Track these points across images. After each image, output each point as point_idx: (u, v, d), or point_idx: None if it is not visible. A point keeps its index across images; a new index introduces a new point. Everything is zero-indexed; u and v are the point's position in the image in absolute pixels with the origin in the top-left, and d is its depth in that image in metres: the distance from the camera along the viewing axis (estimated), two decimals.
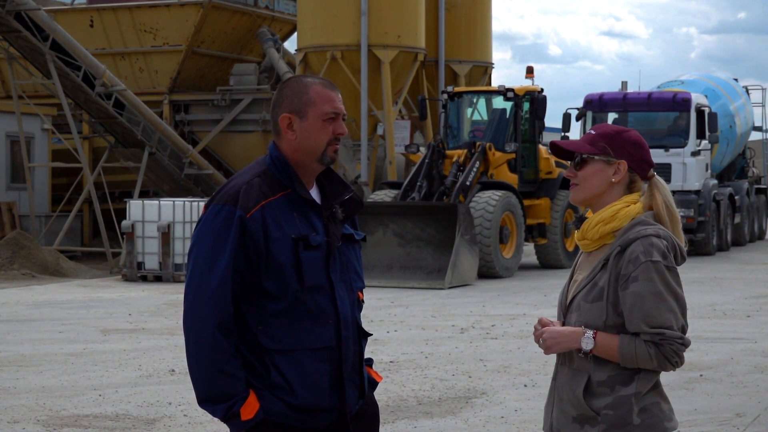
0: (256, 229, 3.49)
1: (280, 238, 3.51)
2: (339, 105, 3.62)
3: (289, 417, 3.53)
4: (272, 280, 3.51)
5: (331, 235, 3.60)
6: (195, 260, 3.53)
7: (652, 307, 3.33)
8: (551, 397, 3.58)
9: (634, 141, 3.53)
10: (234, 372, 3.47)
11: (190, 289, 3.52)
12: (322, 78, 3.70)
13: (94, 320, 13.73)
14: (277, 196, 3.55)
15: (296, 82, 3.65)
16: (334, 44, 23.03)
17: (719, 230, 25.30)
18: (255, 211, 3.50)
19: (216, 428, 7.80)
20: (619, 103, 24.47)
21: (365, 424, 3.72)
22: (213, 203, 3.56)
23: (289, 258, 3.51)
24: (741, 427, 7.93)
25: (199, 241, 3.54)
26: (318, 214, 3.60)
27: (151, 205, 19.15)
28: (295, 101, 3.60)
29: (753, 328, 13.04)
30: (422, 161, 19.71)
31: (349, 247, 3.70)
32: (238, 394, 3.48)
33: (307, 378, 3.52)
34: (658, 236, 3.39)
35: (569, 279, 3.61)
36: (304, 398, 3.52)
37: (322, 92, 3.60)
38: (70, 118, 22.64)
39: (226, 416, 3.50)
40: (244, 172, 3.63)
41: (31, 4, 21.50)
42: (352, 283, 3.67)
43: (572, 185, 3.56)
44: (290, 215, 3.55)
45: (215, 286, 3.47)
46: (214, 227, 3.51)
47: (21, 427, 7.91)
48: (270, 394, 3.51)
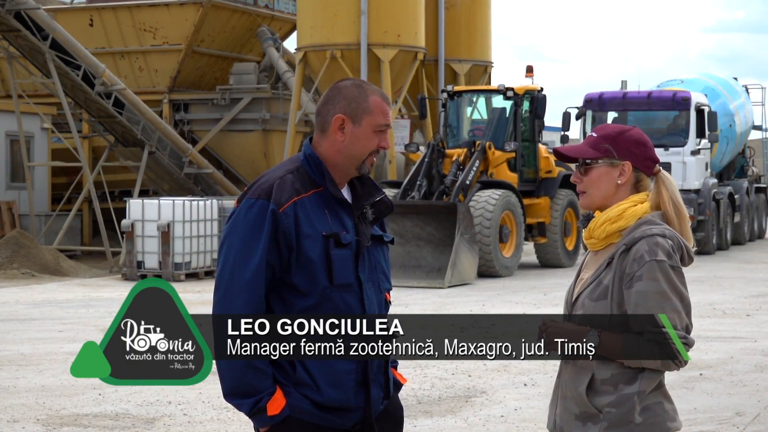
0: (289, 224, 3.50)
1: (312, 235, 3.52)
2: (390, 119, 3.67)
3: (315, 415, 3.54)
4: (302, 275, 3.52)
5: (361, 235, 3.61)
6: (227, 253, 3.53)
7: (656, 307, 3.32)
8: (555, 395, 3.58)
9: (636, 140, 3.52)
10: (262, 367, 3.47)
11: (221, 281, 3.52)
12: (380, 89, 3.72)
13: (94, 319, 13.73)
14: (310, 194, 3.57)
15: (357, 87, 3.65)
16: (333, 43, 23.03)
17: (719, 229, 25.30)
18: (288, 206, 3.51)
19: (216, 428, 7.80)
20: (618, 102, 24.46)
21: (390, 425, 3.72)
22: (246, 197, 3.57)
23: (320, 254, 3.52)
24: (741, 426, 7.93)
25: (232, 234, 3.54)
26: (349, 213, 3.62)
27: (151, 204, 19.15)
28: (353, 105, 3.61)
29: (753, 327, 13.04)
30: (422, 160, 19.70)
31: (378, 248, 3.70)
32: (266, 389, 3.49)
33: (333, 376, 3.53)
34: (663, 236, 3.39)
35: (576, 277, 3.61)
36: (330, 396, 3.53)
37: (380, 104, 3.63)
38: (70, 118, 22.63)
39: (252, 411, 3.50)
40: (277, 168, 3.65)
41: (30, 4, 21.49)
42: (380, 284, 3.67)
43: (580, 192, 3.56)
44: (322, 213, 3.56)
45: (248, 279, 3.48)
46: (247, 220, 3.52)
47: (21, 426, 7.91)
48: (295, 390, 3.52)
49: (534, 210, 21.03)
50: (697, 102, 24.02)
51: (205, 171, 24.11)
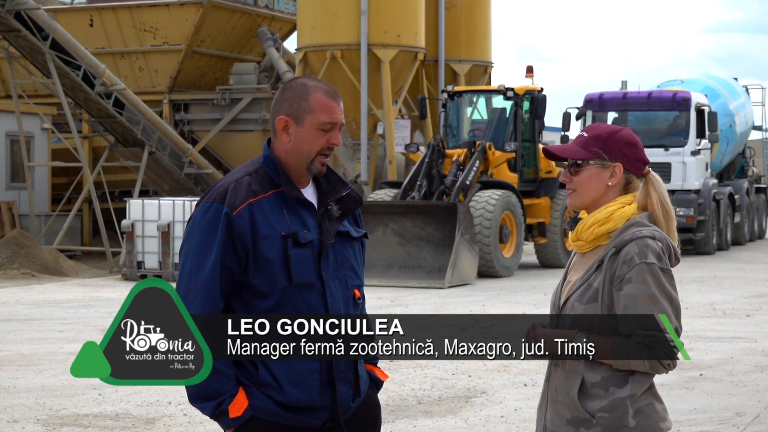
0: (243, 226, 3.51)
1: (270, 235, 3.52)
2: (337, 115, 3.60)
3: (279, 415, 3.53)
4: (261, 277, 3.52)
5: (324, 233, 3.59)
6: (185, 258, 3.57)
7: (645, 310, 3.31)
8: (544, 399, 3.56)
9: (627, 141, 3.50)
10: (224, 369, 3.48)
11: (180, 286, 3.55)
12: (325, 84, 3.68)
13: (94, 319, 13.73)
14: (268, 194, 3.57)
15: (299, 86, 3.63)
16: (334, 43, 23.04)
17: (719, 229, 25.30)
18: (242, 208, 3.52)
19: (215, 427, 7.80)
20: (618, 103, 24.47)
21: (364, 424, 3.69)
22: (202, 201, 3.59)
23: (278, 255, 3.52)
24: (741, 426, 7.93)
25: (189, 238, 3.58)
26: (310, 212, 3.61)
27: (151, 205, 19.15)
28: (294, 105, 3.60)
29: (753, 327, 13.04)
30: (422, 160, 19.71)
31: (346, 244, 3.68)
32: (228, 392, 3.49)
33: (295, 376, 3.52)
34: (653, 238, 3.38)
35: (562, 280, 3.59)
36: (293, 396, 3.52)
37: (322, 101, 3.59)
38: (70, 118, 22.64)
39: (215, 413, 3.52)
40: (236, 171, 3.65)
41: (30, 4, 21.49)
42: (347, 281, 3.65)
43: (569, 191, 3.55)
44: (281, 213, 3.56)
45: (203, 283, 3.50)
46: (202, 225, 3.55)
47: (21, 426, 7.91)
48: (259, 391, 3.51)
49: (534, 210, 21.03)
50: (698, 102, 24.02)
51: (205, 171, 24.12)
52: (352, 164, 23.86)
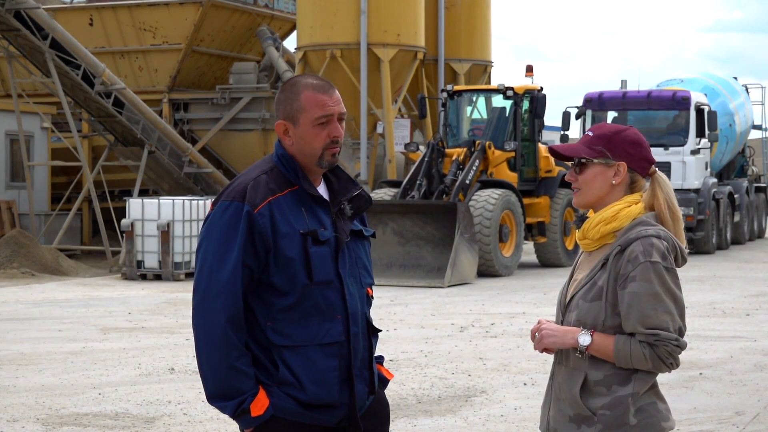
0: (264, 224, 3.51)
1: (289, 234, 3.52)
2: (332, 107, 3.60)
3: (299, 413, 3.53)
4: (281, 275, 3.52)
5: (340, 231, 3.61)
6: (204, 257, 3.54)
7: (649, 308, 3.32)
8: (548, 396, 3.58)
9: (632, 140, 3.51)
10: (244, 368, 3.48)
11: (199, 285, 3.53)
12: (317, 79, 3.67)
13: (94, 319, 13.73)
14: (285, 193, 3.57)
15: (290, 86, 3.65)
16: (333, 43, 23.04)
17: (719, 229, 25.30)
18: (263, 206, 3.52)
19: (215, 427, 7.80)
20: (618, 102, 24.47)
21: (376, 422, 3.72)
22: (221, 200, 3.57)
23: (298, 253, 3.52)
24: (740, 426, 7.93)
25: (208, 237, 3.56)
26: (326, 210, 3.62)
27: (151, 204, 19.15)
28: (287, 108, 3.62)
29: (752, 326, 13.05)
30: (422, 160, 19.71)
31: (358, 243, 3.71)
32: (248, 391, 3.49)
33: (316, 374, 3.53)
34: (658, 237, 3.38)
35: (569, 278, 3.60)
36: (313, 394, 3.53)
37: (312, 97, 3.59)
38: (70, 117, 22.63)
39: (236, 413, 3.50)
40: (251, 170, 3.65)
41: (30, 3, 21.48)
42: (361, 279, 3.68)
43: (574, 189, 3.56)
44: (298, 211, 3.56)
45: (225, 282, 3.48)
46: (222, 223, 3.53)
47: (21, 425, 7.91)
48: (279, 390, 3.52)
49: (534, 209, 21.03)
50: (697, 101, 24.02)
51: (204, 170, 24.11)
52: (352, 163, 23.85)
